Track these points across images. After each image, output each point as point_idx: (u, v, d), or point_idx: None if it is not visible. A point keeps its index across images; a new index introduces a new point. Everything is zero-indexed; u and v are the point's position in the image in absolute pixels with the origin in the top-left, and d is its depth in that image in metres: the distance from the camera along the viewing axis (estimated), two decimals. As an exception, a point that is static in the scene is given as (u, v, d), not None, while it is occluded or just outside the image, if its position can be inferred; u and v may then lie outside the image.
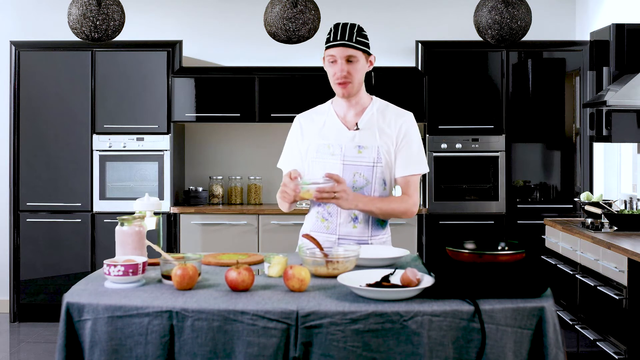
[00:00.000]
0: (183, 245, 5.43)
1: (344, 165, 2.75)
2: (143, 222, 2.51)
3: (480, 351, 1.94)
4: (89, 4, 3.82)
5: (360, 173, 2.75)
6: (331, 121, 2.84)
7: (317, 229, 2.80)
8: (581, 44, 5.39)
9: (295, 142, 2.90)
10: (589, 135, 4.65)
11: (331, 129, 2.82)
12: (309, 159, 2.83)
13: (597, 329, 3.78)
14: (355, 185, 2.74)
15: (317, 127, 2.85)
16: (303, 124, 2.89)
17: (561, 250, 4.34)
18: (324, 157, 2.78)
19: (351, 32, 2.71)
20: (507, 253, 2.12)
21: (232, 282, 2.12)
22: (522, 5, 3.87)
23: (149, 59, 5.53)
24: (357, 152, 2.76)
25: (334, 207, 2.76)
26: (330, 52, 2.73)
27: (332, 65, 2.74)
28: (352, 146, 2.77)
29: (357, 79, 2.74)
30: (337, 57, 2.71)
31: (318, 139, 2.82)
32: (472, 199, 5.47)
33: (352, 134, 2.79)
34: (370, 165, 2.75)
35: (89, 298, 2.06)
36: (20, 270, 5.52)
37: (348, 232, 2.76)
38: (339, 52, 2.70)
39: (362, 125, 2.80)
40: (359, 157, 2.75)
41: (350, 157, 2.76)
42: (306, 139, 2.85)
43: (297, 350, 1.94)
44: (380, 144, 2.76)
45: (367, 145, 2.76)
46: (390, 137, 2.78)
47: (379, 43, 5.92)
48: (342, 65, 2.71)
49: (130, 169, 5.51)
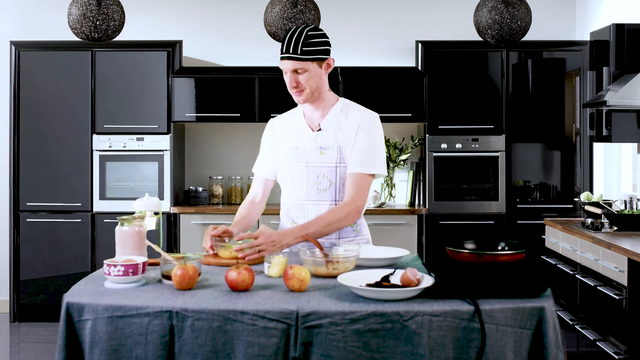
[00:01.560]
0: (183, 245, 5.43)
1: (307, 168, 2.76)
2: (143, 222, 2.51)
3: (480, 351, 1.94)
4: (89, 4, 3.82)
5: (323, 174, 2.75)
6: (298, 123, 2.85)
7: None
8: (581, 44, 5.39)
9: (267, 145, 2.93)
10: (589, 135, 4.65)
11: (297, 131, 2.83)
12: (279, 163, 2.85)
13: (597, 329, 3.78)
14: (319, 187, 2.75)
15: (287, 129, 2.86)
16: (275, 126, 2.93)
17: (561, 250, 4.34)
18: (290, 160, 2.80)
19: (297, 43, 2.66)
20: (507, 253, 2.12)
21: (232, 282, 2.12)
22: (522, 5, 3.87)
23: (149, 59, 5.53)
24: (319, 154, 2.76)
25: (301, 209, 2.77)
26: (280, 65, 2.72)
27: (285, 75, 2.73)
28: (314, 147, 2.77)
29: (310, 86, 2.71)
30: (285, 69, 2.71)
31: (287, 141, 2.84)
32: (472, 199, 5.47)
33: (315, 135, 2.79)
34: (332, 166, 2.74)
35: (89, 298, 2.06)
36: (20, 270, 5.52)
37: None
38: (285, 65, 2.69)
39: (325, 126, 2.79)
40: (321, 159, 2.75)
41: (313, 158, 2.76)
42: (277, 142, 2.88)
43: (297, 350, 1.94)
44: (341, 144, 2.74)
45: (328, 146, 2.75)
46: (349, 136, 2.74)
47: (379, 43, 5.92)
48: (290, 77, 2.71)
49: (130, 169, 5.51)
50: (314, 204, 2.76)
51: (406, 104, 5.47)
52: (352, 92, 5.48)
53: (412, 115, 5.45)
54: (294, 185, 2.80)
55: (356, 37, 5.92)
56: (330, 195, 2.75)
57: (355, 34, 5.93)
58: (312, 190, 2.76)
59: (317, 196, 2.76)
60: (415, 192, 5.62)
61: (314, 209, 2.76)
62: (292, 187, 2.81)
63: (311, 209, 2.76)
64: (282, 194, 2.90)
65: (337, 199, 2.75)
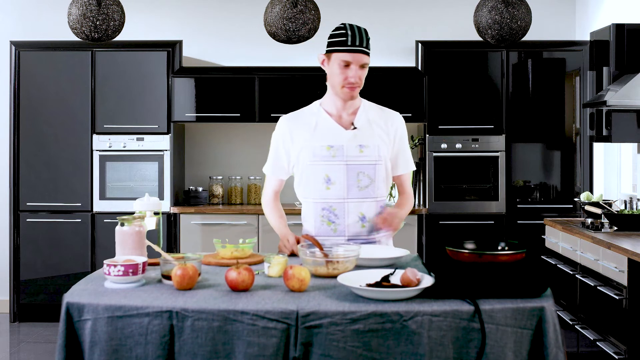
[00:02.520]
0: (183, 245, 5.43)
1: (347, 166, 2.74)
2: (143, 222, 2.51)
3: (480, 351, 1.94)
4: (89, 4, 3.82)
5: (363, 172, 2.75)
6: (324, 122, 2.81)
7: (323, 233, 2.78)
8: (581, 44, 5.39)
9: (282, 145, 2.86)
10: (589, 135, 4.65)
11: (326, 130, 2.79)
12: (304, 163, 2.78)
13: (597, 329, 3.78)
14: (359, 185, 2.74)
15: (309, 128, 2.80)
16: (291, 126, 2.84)
17: (561, 250, 4.34)
18: (325, 160, 2.75)
19: (366, 37, 2.70)
20: (507, 253, 2.12)
21: (232, 282, 2.12)
22: (522, 5, 3.87)
23: (149, 59, 5.54)
24: (358, 152, 2.75)
25: (341, 209, 2.74)
26: (344, 57, 2.68)
27: (344, 69, 2.70)
28: (353, 146, 2.76)
29: (362, 83, 2.76)
30: (352, 62, 2.68)
31: (313, 141, 2.78)
32: (472, 199, 5.47)
33: (351, 133, 2.78)
34: (372, 164, 2.76)
35: (89, 298, 2.06)
36: (20, 270, 5.52)
37: (357, 232, 2.76)
38: (355, 58, 2.68)
39: (359, 125, 2.80)
40: (361, 157, 2.75)
41: (353, 157, 2.75)
42: (297, 142, 2.81)
43: (297, 351, 1.94)
44: (379, 142, 2.78)
45: (368, 144, 2.76)
46: (388, 136, 2.81)
47: (379, 43, 5.92)
48: (356, 72, 2.70)
49: (130, 169, 5.51)
50: (355, 202, 2.74)
51: (406, 104, 5.47)
52: (352, 92, 5.48)
53: (412, 115, 5.45)
54: (329, 185, 2.75)
55: (356, 37, 5.92)
56: (371, 192, 2.75)
57: (355, 34, 5.92)
58: (353, 188, 2.74)
59: (358, 194, 2.74)
60: (415, 192, 5.62)
61: (356, 207, 2.74)
62: (325, 187, 2.75)
63: (352, 208, 2.74)
64: (306, 194, 2.83)
65: (376, 195, 2.77)
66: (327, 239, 2.76)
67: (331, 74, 2.77)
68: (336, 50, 2.71)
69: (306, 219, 2.86)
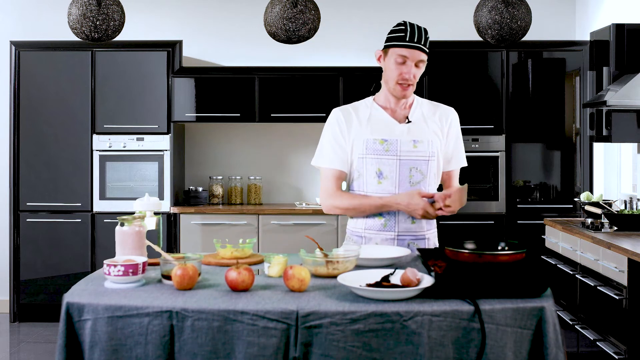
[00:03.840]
0: (183, 245, 5.43)
1: (400, 161, 2.70)
2: (143, 222, 2.51)
3: (480, 351, 1.94)
4: (89, 4, 3.82)
5: (416, 168, 2.71)
6: (378, 115, 2.77)
7: (372, 227, 2.75)
8: (581, 44, 5.39)
9: (340, 135, 2.77)
10: (589, 135, 4.65)
11: (380, 123, 2.75)
12: (356, 155, 2.74)
13: (597, 329, 3.78)
14: (412, 180, 2.70)
15: (362, 120, 2.76)
16: (345, 117, 2.78)
17: (561, 250, 4.34)
18: (378, 154, 2.70)
19: (425, 36, 2.68)
20: (507, 253, 2.12)
21: (232, 282, 2.12)
22: (522, 5, 3.87)
23: (149, 59, 5.54)
24: (412, 147, 2.71)
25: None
26: (402, 52, 2.67)
27: (400, 65, 2.69)
28: (407, 140, 2.72)
29: (416, 81, 2.74)
30: (408, 58, 2.67)
31: (366, 133, 2.74)
32: (472, 199, 5.47)
33: (405, 127, 2.74)
34: (425, 159, 2.72)
35: (89, 298, 2.06)
36: (20, 270, 5.52)
37: (407, 227, 2.73)
38: (412, 54, 2.67)
39: (414, 119, 2.76)
40: (414, 152, 2.71)
41: (406, 151, 2.71)
42: (352, 133, 2.75)
43: (297, 351, 1.93)
44: (432, 137, 2.74)
45: (422, 139, 2.73)
46: (442, 131, 2.78)
47: (379, 43, 5.91)
48: (411, 69, 2.69)
49: (130, 169, 5.51)
50: None
51: (406, 104, 5.46)
52: (352, 92, 5.48)
53: (412, 115, 5.45)
54: (381, 179, 2.71)
55: (356, 37, 5.93)
56: (422, 188, 2.71)
57: (355, 34, 5.93)
58: (405, 183, 2.70)
59: (409, 189, 2.70)
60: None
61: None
62: (377, 181, 2.71)
63: None
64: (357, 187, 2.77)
65: (427, 191, 2.71)
66: (377, 233, 2.73)
67: (386, 69, 2.76)
68: (393, 45, 2.70)
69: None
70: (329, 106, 5.57)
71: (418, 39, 2.66)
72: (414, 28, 2.68)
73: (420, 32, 2.67)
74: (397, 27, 2.71)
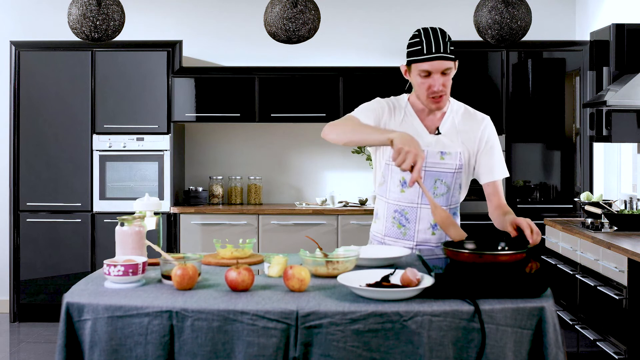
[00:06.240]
0: (183, 245, 5.43)
1: (425, 172, 2.62)
2: (143, 222, 2.51)
3: (480, 351, 1.94)
4: (89, 4, 3.82)
5: (441, 180, 2.65)
6: (411, 121, 2.68)
7: (392, 234, 2.72)
8: (581, 44, 5.39)
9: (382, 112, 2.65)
10: (589, 135, 4.65)
11: (411, 130, 2.65)
12: (385, 159, 2.69)
13: (597, 329, 3.78)
14: (435, 192, 2.64)
15: (396, 121, 2.67)
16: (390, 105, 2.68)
17: (561, 250, 4.34)
18: None
19: (444, 41, 2.54)
20: (507, 253, 2.12)
21: (232, 282, 2.12)
22: (522, 5, 3.87)
23: (149, 59, 5.54)
24: (439, 158, 2.64)
25: (413, 213, 2.67)
26: (423, 67, 2.53)
27: (425, 79, 2.56)
28: (434, 152, 2.64)
29: (449, 90, 2.61)
30: (432, 71, 2.53)
31: None
32: (472, 199, 5.45)
33: (434, 138, 2.66)
34: (451, 172, 2.65)
35: (89, 298, 2.06)
36: (20, 270, 5.52)
37: (426, 238, 2.69)
38: (434, 66, 2.52)
39: (444, 131, 2.68)
40: (441, 164, 2.64)
41: (432, 163, 2.63)
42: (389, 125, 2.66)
43: (297, 351, 1.93)
44: (462, 149, 2.66)
45: (450, 151, 2.64)
46: (473, 142, 2.68)
47: (379, 43, 5.92)
48: (438, 80, 2.55)
49: (130, 169, 5.51)
50: (429, 208, 2.62)
51: (406, 104, 5.46)
52: (352, 92, 5.48)
53: (412, 115, 5.45)
54: (404, 188, 2.66)
55: (356, 37, 5.93)
56: (445, 200, 2.66)
57: (355, 34, 5.93)
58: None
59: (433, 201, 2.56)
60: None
61: (428, 213, 2.65)
62: (400, 190, 2.67)
63: (425, 214, 2.66)
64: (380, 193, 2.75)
65: (450, 203, 2.68)
66: (396, 241, 2.71)
67: (414, 84, 2.63)
68: (414, 60, 2.56)
69: (378, 216, 2.78)
70: (329, 106, 5.59)
71: (436, 48, 2.53)
72: (430, 37, 2.54)
73: (437, 40, 2.54)
74: (413, 39, 2.58)
